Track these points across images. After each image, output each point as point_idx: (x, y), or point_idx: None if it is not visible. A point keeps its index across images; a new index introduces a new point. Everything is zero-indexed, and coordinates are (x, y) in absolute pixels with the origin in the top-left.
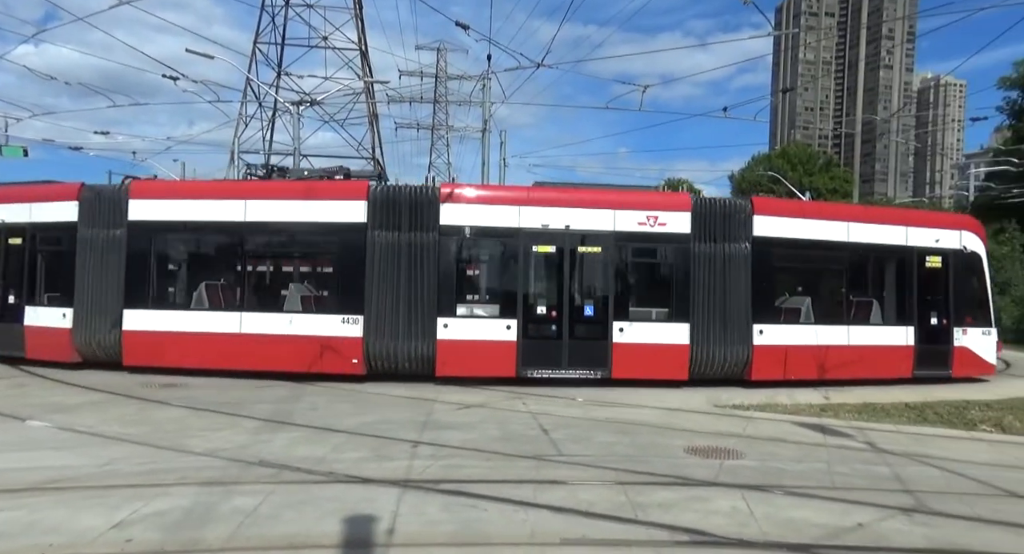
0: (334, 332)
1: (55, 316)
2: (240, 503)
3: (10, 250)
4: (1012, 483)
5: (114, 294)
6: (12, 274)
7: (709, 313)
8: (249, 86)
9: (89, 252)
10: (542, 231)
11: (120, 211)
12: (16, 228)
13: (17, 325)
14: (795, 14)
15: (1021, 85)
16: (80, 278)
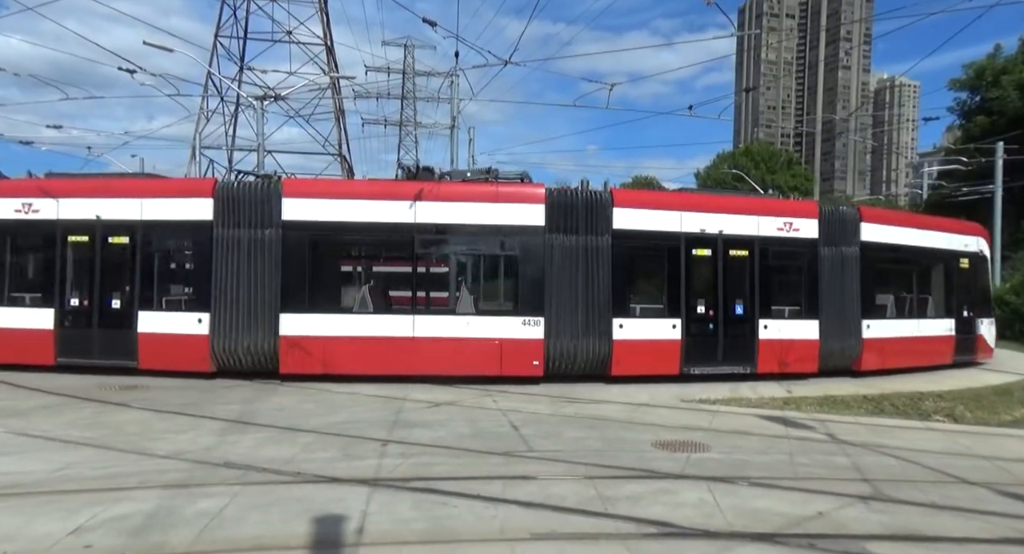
0: (514, 334)
1: (186, 322)
2: (205, 506)
3: (111, 250)
4: (963, 470)
5: (266, 297)
6: (116, 277)
7: (833, 311)
8: (210, 80)
9: (235, 252)
10: (700, 235)
11: (269, 210)
12: (170, 226)
13: (127, 331)
14: (757, 15)
15: (970, 87)
16: (219, 280)
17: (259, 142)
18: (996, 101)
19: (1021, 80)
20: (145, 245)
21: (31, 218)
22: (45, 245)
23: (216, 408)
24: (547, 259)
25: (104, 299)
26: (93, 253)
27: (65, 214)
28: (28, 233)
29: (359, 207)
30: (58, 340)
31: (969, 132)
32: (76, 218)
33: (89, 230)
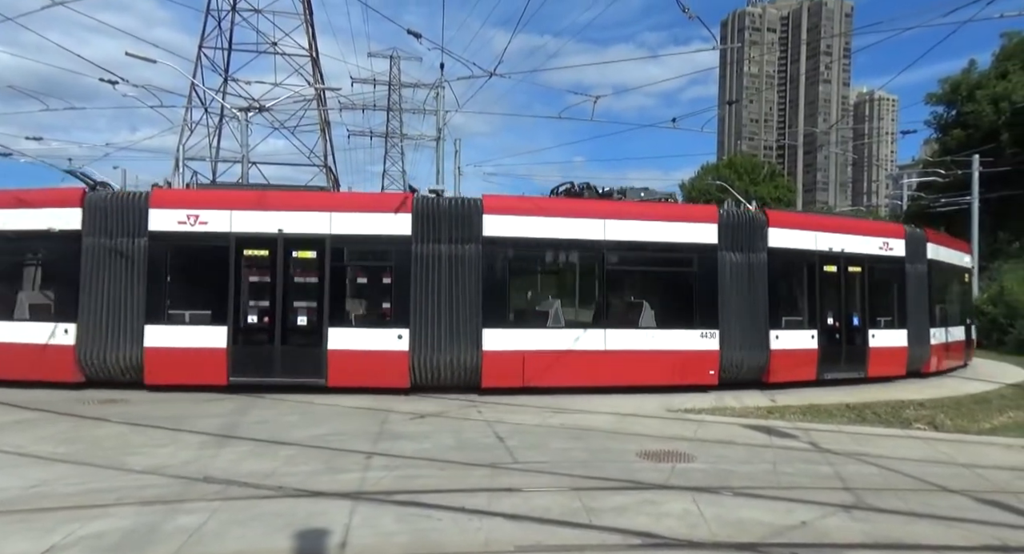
0: (693, 346)
1: (384, 338)
2: (184, 521)
3: (296, 264)
4: (943, 478)
5: (468, 313)
6: (301, 292)
7: (915, 322)
8: (194, 91)
9: (436, 268)
10: (829, 253)
11: (470, 226)
12: (364, 240)
13: (315, 349)
14: (740, 28)
15: (946, 101)
16: (419, 296)
17: (243, 153)
18: (971, 115)
19: (995, 95)
20: (335, 259)
21: (198, 230)
22: (216, 259)
23: (197, 422)
24: (720, 275)
25: (288, 315)
26: (274, 267)
27: (240, 226)
28: (194, 246)
29: (554, 224)
30: (232, 359)
31: (946, 145)
32: (254, 231)
33: (270, 244)
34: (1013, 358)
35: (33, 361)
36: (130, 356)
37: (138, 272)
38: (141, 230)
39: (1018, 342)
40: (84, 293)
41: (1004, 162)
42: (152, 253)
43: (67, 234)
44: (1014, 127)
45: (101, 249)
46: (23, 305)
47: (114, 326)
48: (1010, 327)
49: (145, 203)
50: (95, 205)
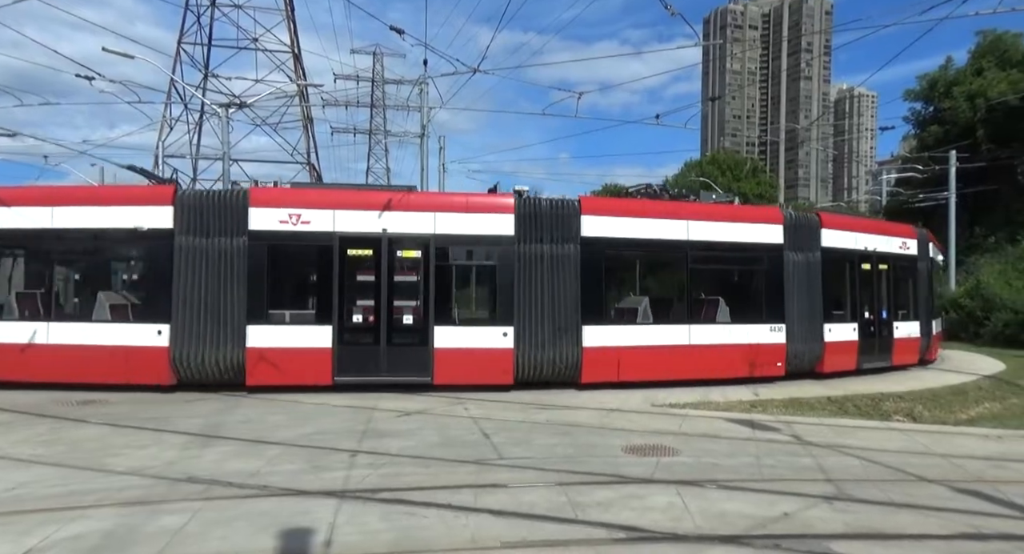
0: (764, 340)
1: (490, 336)
2: (166, 522)
3: (401, 264)
4: (921, 468)
5: (567, 310)
6: (406, 292)
7: (924, 315)
8: (173, 88)
9: (538, 267)
10: (864, 252)
11: (569, 226)
12: (468, 240)
13: (421, 348)
14: (722, 26)
15: (924, 98)
16: (522, 295)
17: (224, 151)
18: (948, 111)
19: (971, 91)
20: (439, 259)
21: (301, 230)
22: (319, 258)
23: (179, 422)
24: (786, 273)
25: (393, 314)
26: (379, 267)
27: (344, 226)
28: (297, 245)
29: (644, 225)
30: (337, 359)
31: (924, 141)
32: (358, 231)
33: (374, 243)
34: (989, 350)
35: (120, 364)
36: (231, 357)
37: (237, 271)
38: (240, 229)
39: (994, 334)
40: (178, 293)
41: (980, 158)
42: (252, 252)
43: (157, 233)
44: (989, 123)
45: (197, 248)
46: (103, 306)
47: (213, 327)
48: (986, 320)
49: (245, 201)
50: (188, 203)
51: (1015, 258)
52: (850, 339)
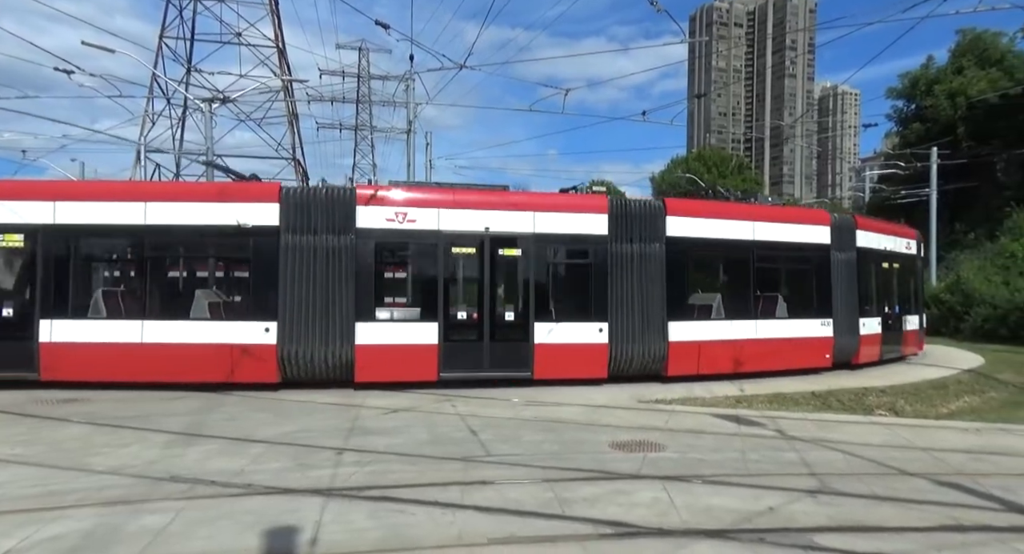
0: (815, 333)
1: (587, 332)
2: (148, 522)
3: (502, 262)
4: (903, 462)
5: (654, 307)
6: (507, 289)
7: (919, 308)
8: (155, 82)
9: (629, 265)
10: (885, 252)
11: (655, 227)
12: (564, 239)
13: (522, 343)
14: (707, 23)
15: (906, 95)
16: (615, 292)
17: (208, 146)
18: (929, 109)
19: (951, 89)
20: (538, 257)
21: (407, 228)
22: (425, 256)
23: (162, 420)
24: (833, 271)
25: (495, 311)
26: (482, 265)
27: (448, 225)
28: (403, 243)
29: (720, 225)
30: (443, 355)
31: (906, 138)
32: (462, 229)
33: (477, 242)
34: (969, 345)
35: (224, 363)
36: (340, 354)
37: (345, 269)
38: (348, 227)
39: (973, 329)
40: (285, 290)
41: (961, 155)
42: (360, 250)
43: (263, 230)
44: (970, 121)
45: (303, 245)
46: (201, 303)
47: (322, 324)
48: (966, 315)
49: (353, 200)
50: (295, 201)
51: (994, 254)
52: (877, 332)
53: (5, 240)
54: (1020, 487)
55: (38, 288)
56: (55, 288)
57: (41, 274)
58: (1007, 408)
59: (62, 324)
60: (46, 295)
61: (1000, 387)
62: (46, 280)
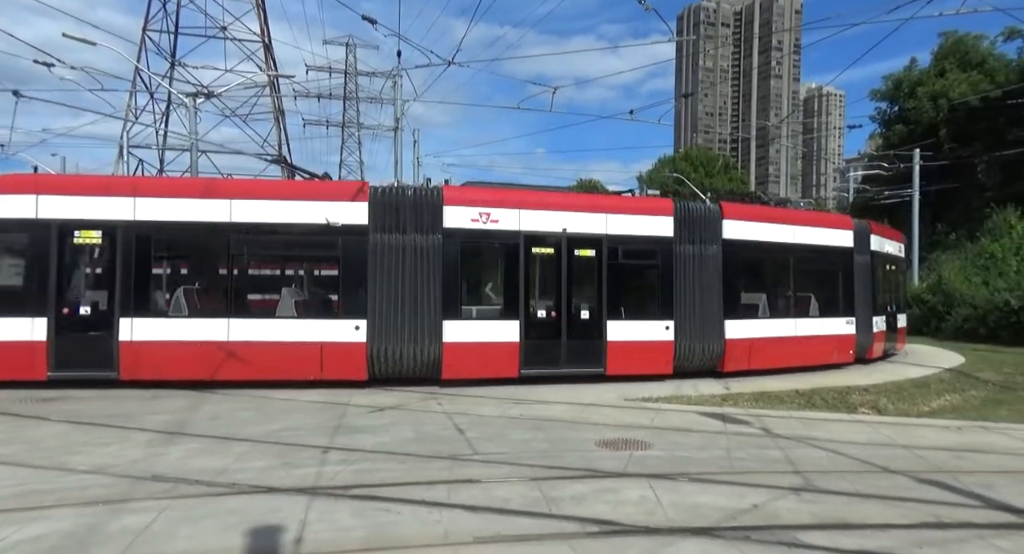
0: (840, 331)
1: (654, 330)
2: (130, 522)
3: (577, 262)
4: (885, 459)
5: (712, 306)
6: (581, 288)
7: (904, 306)
8: (139, 76)
9: (692, 266)
10: (888, 255)
11: (714, 230)
12: (633, 240)
13: (596, 341)
14: (695, 23)
15: (889, 97)
16: (679, 292)
17: (192, 142)
18: (912, 111)
19: (934, 91)
20: (610, 257)
21: (490, 228)
22: (506, 256)
23: (145, 419)
24: (856, 273)
25: (571, 310)
26: (559, 265)
27: (528, 225)
28: (486, 243)
29: (768, 229)
30: (524, 352)
31: (889, 140)
32: (541, 230)
33: (555, 242)
34: (950, 344)
35: (314, 361)
36: (428, 352)
37: (432, 268)
38: (435, 227)
39: (954, 329)
40: (375, 289)
41: (942, 157)
42: (446, 249)
43: (352, 229)
44: (951, 123)
45: (392, 244)
46: (288, 302)
47: (410, 322)
48: (947, 315)
49: (439, 200)
50: (383, 200)
51: (974, 255)
52: (883, 329)
53: (82, 236)
54: (1000, 484)
55: (117, 285)
56: (136, 285)
57: (121, 271)
58: (987, 406)
59: (143, 322)
60: (126, 293)
61: (980, 385)
62: (126, 277)
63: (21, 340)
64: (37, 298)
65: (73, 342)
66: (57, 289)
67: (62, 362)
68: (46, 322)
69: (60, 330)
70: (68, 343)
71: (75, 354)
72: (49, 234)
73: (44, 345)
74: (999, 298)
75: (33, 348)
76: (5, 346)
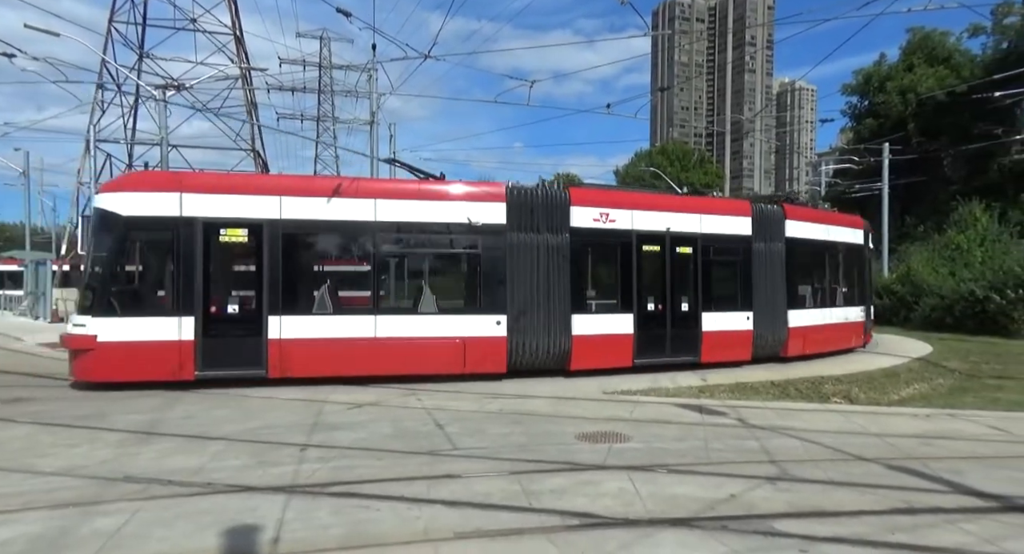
0: (856, 318)
1: (738, 320)
2: (101, 524)
3: (678, 259)
4: (858, 447)
5: (778, 299)
6: (682, 283)
7: None
8: (105, 68)
9: (766, 261)
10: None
11: (780, 229)
12: (721, 238)
13: (693, 331)
14: (670, 18)
15: (860, 92)
16: (757, 284)
17: (162, 136)
18: (882, 105)
19: (903, 86)
20: (704, 254)
21: (608, 227)
22: (622, 253)
23: (116, 419)
24: (864, 266)
25: (675, 302)
26: (664, 261)
27: (639, 225)
28: (605, 242)
29: (815, 229)
30: (636, 343)
31: (860, 133)
32: (650, 229)
33: (661, 241)
34: (919, 334)
35: (457, 355)
36: (559, 344)
37: (561, 264)
38: (563, 226)
39: (923, 319)
40: (512, 285)
41: (911, 151)
42: (574, 247)
43: (492, 228)
44: (920, 117)
45: (526, 243)
46: (429, 298)
47: (543, 317)
48: (915, 305)
49: (567, 201)
50: (518, 200)
51: (941, 246)
52: (872, 318)
53: (228, 234)
54: (967, 469)
55: (265, 284)
56: (284, 284)
57: (268, 269)
58: (954, 394)
59: (291, 320)
60: (274, 291)
61: (947, 374)
62: (273, 275)
63: (168, 340)
64: (184, 297)
65: (221, 341)
66: (204, 287)
67: (210, 361)
68: (193, 321)
69: (208, 329)
70: (216, 342)
71: (223, 353)
72: (194, 232)
73: (192, 344)
74: (964, 288)
75: (181, 348)
76: (151, 346)
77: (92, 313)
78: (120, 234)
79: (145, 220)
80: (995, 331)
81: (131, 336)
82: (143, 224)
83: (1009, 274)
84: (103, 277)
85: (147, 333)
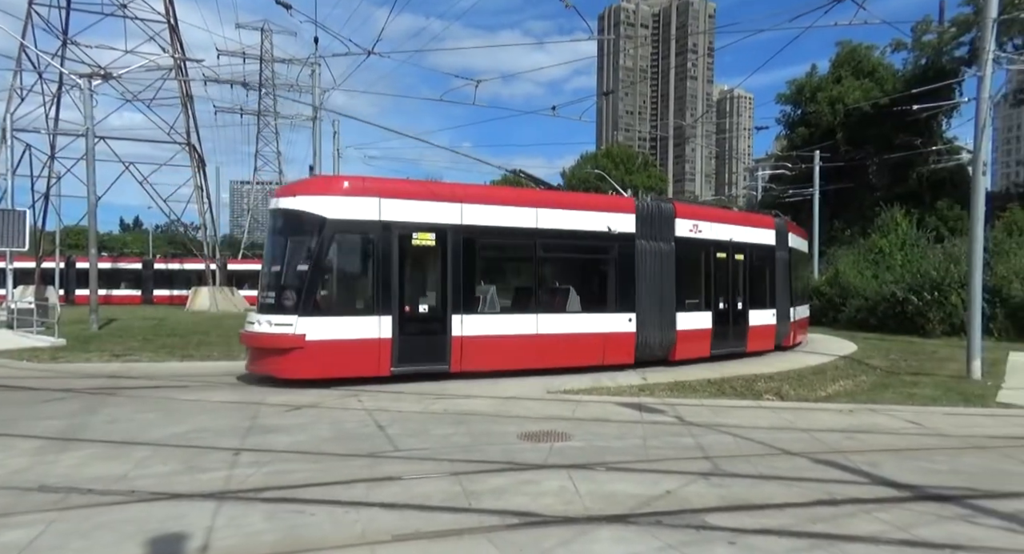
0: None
1: (768, 316)
2: (11, 538)
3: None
4: (786, 442)
5: (785, 298)
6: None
7: None
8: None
9: (780, 268)
10: None
11: (785, 241)
12: (754, 247)
13: (743, 326)
14: (615, 23)
15: (793, 101)
16: (778, 287)
17: (88, 126)
18: (813, 115)
19: (832, 97)
20: (750, 259)
21: (697, 237)
22: (705, 259)
23: (32, 424)
24: (792, 269)
25: (733, 301)
26: (727, 267)
27: (713, 235)
28: (695, 249)
29: (797, 241)
30: (713, 336)
31: (793, 141)
32: (721, 239)
33: (726, 248)
34: (845, 333)
35: (597, 349)
36: (667, 338)
37: (668, 269)
38: (670, 235)
39: (849, 319)
40: (640, 286)
41: (839, 158)
42: (677, 254)
43: (625, 235)
44: (847, 127)
45: (648, 249)
46: (575, 298)
47: (656, 315)
48: (843, 306)
49: (673, 213)
50: (644, 212)
51: (866, 250)
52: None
53: (419, 238)
54: (883, 461)
55: (448, 284)
56: (464, 284)
57: (451, 271)
58: (875, 390)
59: (470, 319)
60: (456, 291)
61: (870, 371)
62: (455, 277)
63: (369, 338)
64: (383, 297)
65: (414, 339)
66: (399, 288)
67: (404, 358)
68: (391, 320)
69: (402, 327)
70: (409, 339)
71: (415, 350)
72: (391, 235)
73: (389, 342)
74: (887, 290)
75: (380, 345)
76: (354, 344)
77: (299, 313)
78: (325, 236)
79: (349, 223)
80: (913, 330)
81: (337, 335)
82: (347, 227)
83: (925, 277)
84: (310, 278)
85: (351, 332)
